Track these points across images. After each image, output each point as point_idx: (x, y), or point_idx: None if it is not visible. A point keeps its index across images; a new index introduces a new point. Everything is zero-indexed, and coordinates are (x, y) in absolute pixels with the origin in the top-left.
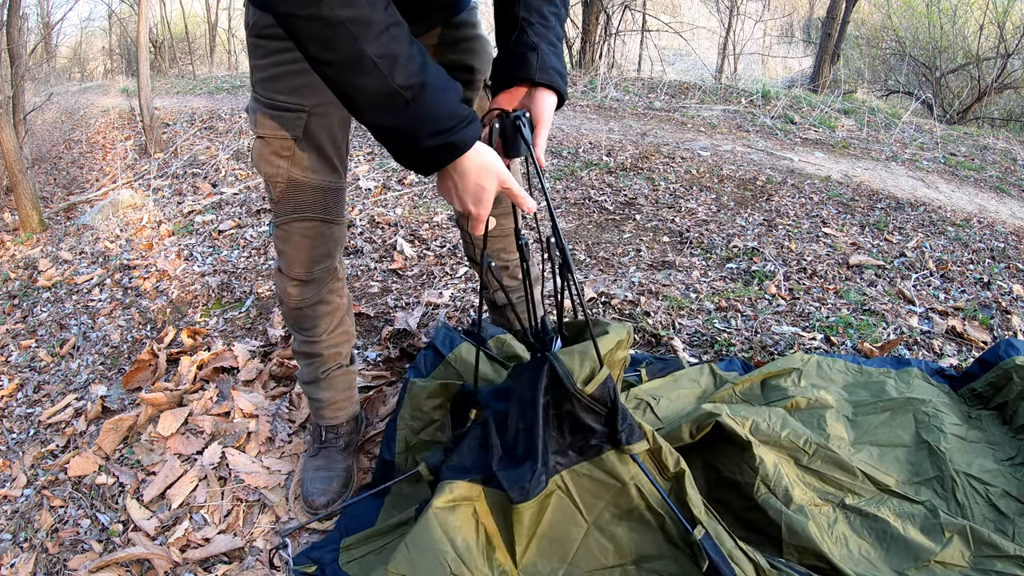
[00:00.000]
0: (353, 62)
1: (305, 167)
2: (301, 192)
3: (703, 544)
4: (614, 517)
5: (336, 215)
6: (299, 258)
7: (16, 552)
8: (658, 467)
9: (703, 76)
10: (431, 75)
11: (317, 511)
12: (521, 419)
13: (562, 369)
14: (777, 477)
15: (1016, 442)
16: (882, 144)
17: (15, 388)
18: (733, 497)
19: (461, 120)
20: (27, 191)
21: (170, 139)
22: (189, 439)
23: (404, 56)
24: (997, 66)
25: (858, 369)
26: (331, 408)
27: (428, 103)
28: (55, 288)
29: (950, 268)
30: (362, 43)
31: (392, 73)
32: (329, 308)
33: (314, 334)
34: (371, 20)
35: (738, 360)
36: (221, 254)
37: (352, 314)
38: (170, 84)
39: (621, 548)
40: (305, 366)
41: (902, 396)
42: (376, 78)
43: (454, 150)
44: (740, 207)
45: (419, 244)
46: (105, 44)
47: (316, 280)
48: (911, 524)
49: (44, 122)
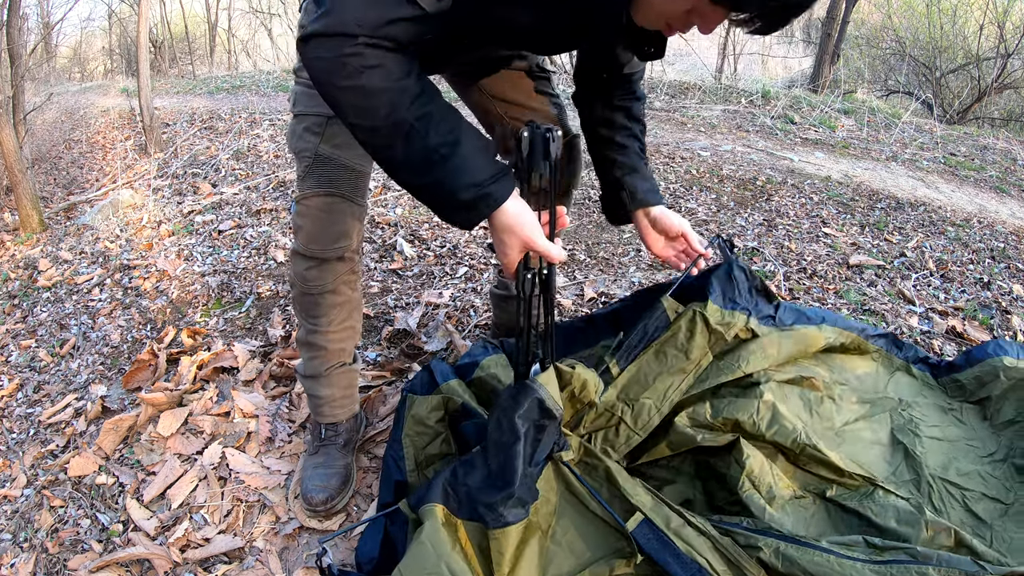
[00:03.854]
0: (392, 128)
1: (335, 144)
2: (327, 167)
3: (634, 536)
4: (567, 526)
5: (357, 195)
6: (315, 234)
7: (16, 552)
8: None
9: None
10: (464, 132)
11: (316, 508)
12: (499, 446)
13: (544, 394)
14: (762, 474)
15: (996, 438)
16: (882, 144)
17: (15, 388)
18: (717, 488)
19: (496, 172)
20: (27, 191)
21: (170, 139)
22: (189, 439)
23: (438, 116)
24: (997, 66)
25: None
26: (331, 406)
27: (463, 157)
28: (55, 288)
29: (950, 268)
30: (400, 109)
31: (428, 133)
32: (340, 299)
33: (320, 324)
34: (406, 87)
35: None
36: (221, 254)
37: (361, 312)
38: (170, 84)
39: (578, 553)
40: (308, 359)
41: (878, 394)
42: (414, 140)
43: (491, 201)
44: (740, 207)
45: (419, 244)
46: (105, 44)
47: (330, 263)
48: (894, 518)
49: (44, 122)
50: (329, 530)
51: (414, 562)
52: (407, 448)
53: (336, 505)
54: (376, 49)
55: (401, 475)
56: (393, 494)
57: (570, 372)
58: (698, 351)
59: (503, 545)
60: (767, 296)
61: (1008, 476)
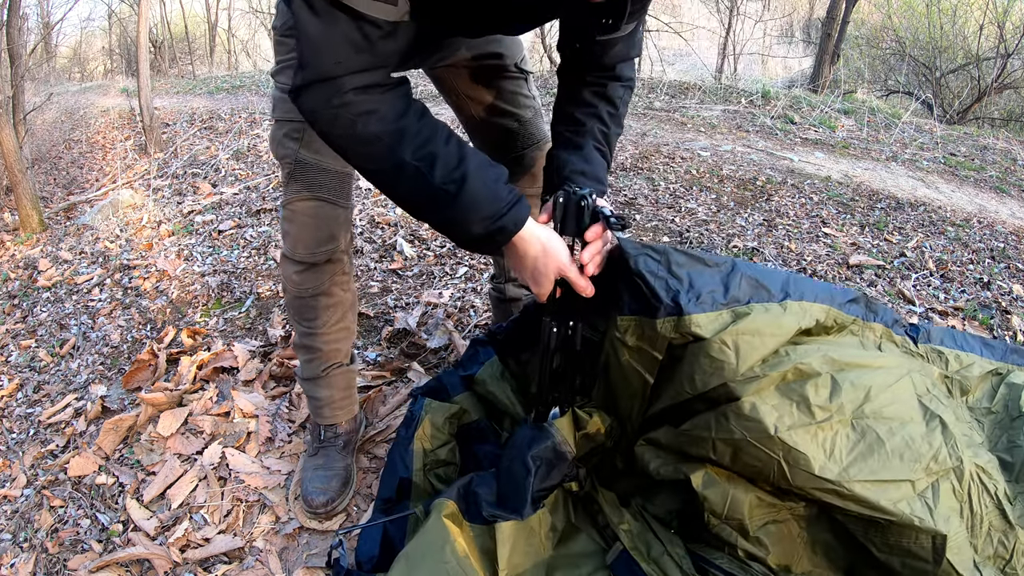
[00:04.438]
0: (395, 170)
1: (315, 149)
2: (308, 172)
3: (613, 569)
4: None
5: (341, 198)
6: (302, 238)
7: (16, 552)
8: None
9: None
10: (471, 166)
11: (316, 511)
12: (510, 475)
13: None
14: (730, 510)
15: (980, 425)
16: (882, 144)
17: (15, 388)
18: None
19: (506, 204)
20: (27, 191)
21: (170, 139)
22: (189, 439)
23: (442, 154)
24: (997, 66)
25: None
26: (330, 407)
27: (471, 193)
28: (55, 288)
29: (950, 268)
30: (400, 152)
31: (432, 173)
32: (332, 301)
33: (315, 326)
34: (404, 128)
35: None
36: (221, 254)
37: (356, 312)
38: (170, 84)
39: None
40: (305, 362)
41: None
42: (418, 181)
43: (506, 232)
44: (740, 207)
45: (419, 244)
46: (105, 44)
47: (319, 266)
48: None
49: (44, 122)
50: (330, 531)
51: (419, 547)
52: (417, 448)
53: (337, 507)
54: (365, 93)
55: (407, 472)
56: (396, 491)
57: (586, 419)
58: (635, 377)
59: (505, 537)
60: (702, 263)
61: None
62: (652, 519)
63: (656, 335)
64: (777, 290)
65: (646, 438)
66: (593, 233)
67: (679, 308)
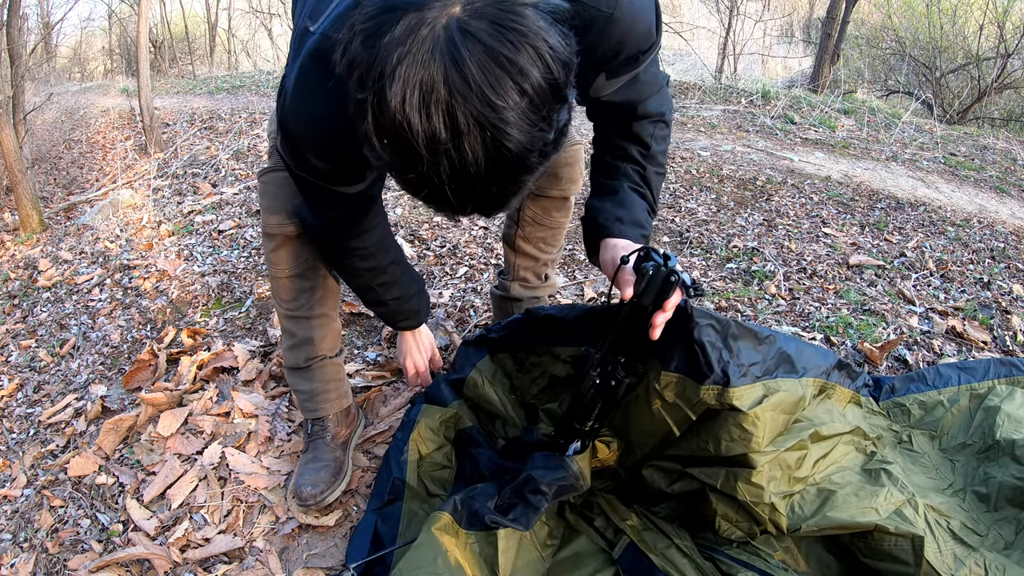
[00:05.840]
0: (366, 288)
1: None
2: None
3: (619, 563)
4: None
5: None
6: (273, 208)
7: (16, 552)
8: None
9: (703, 76)
10: (408, 292)
11: (307, 503)
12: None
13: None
14: (739, 518)
15: (951, 465)
16: (882, 144)
17: (15, 388)
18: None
19: (410, 317)
20: (27, 191)
21: (170, 139)
22: (189, 439)
23: (396, 283)
24: (997, 66)
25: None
26: (315, 400)
27: (403, 309)
28: (55, 288)
29: (950, 268)
30: (372, 279)
31: (387, 294)
32: (308, 284)
33: (292, 308)
34: (381, 266)
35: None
36: (221, 254)
37: (336, 300)
38: (170, 84)
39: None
40: (287, 348)
41: (837, 432)
42: (378, 294)
43: (405, 330)
44: (740, 207)
45: (419, 244)
46: (105, 44)
47: (290, 241)
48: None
49: (44, 122)
50: (325, 526)
51: (411, 562)
52: (412, 451)
53: (326, 498)
54: (359, 238)
55: (401, 473)
56: (389, 491)
57: (604, 448)
58: (662, 425)
59: (506, 543)
60: (754, 338)
61: (973, 507)
62: (655, 518)
63: (698, 399)
64: (800, 366)
65: (652, 464)
66: (671, 304)
67: (727, 379)
